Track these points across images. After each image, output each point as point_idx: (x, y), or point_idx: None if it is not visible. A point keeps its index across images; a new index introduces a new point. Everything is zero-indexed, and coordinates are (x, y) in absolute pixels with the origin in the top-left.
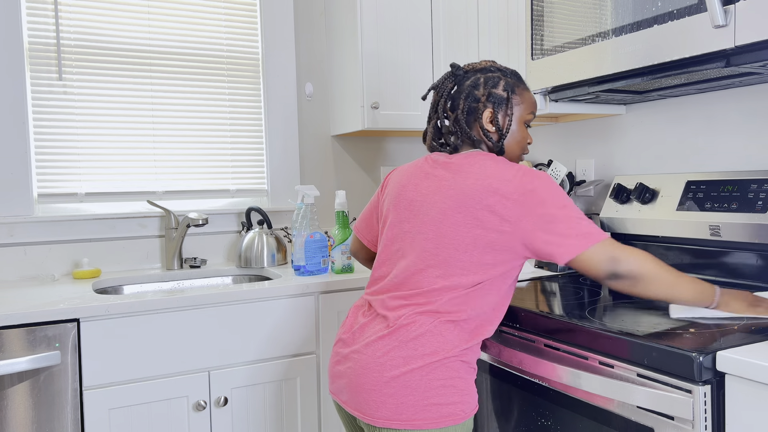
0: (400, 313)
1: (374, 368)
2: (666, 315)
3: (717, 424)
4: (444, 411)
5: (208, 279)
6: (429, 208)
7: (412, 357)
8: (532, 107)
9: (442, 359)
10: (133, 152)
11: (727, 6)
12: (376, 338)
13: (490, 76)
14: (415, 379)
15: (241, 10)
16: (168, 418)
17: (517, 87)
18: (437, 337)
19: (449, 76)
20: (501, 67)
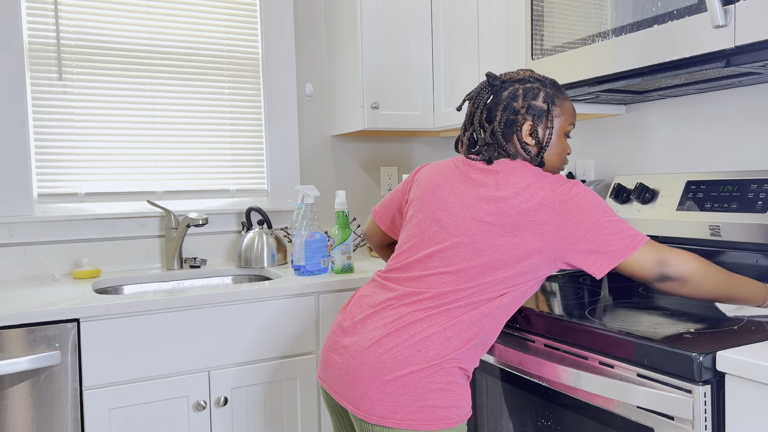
0: (410, 311)
1: (375, 366)
2: (666, 315)
3: (717, 424)
4: (439, 414)
5: (208, 279)
6: (465, 212)
7: (415, 358)
8: (572, 117)
9: (442, 362)
10: (133, 152)
11: (727, 6)
12: (381, 336)
13: (530, 87)
14: (414, 380)
15: (241, 10)
16: (168, 418)
17: (557, 98)
18: (442, 341)
19: (485, 86)
20: (540, 77)
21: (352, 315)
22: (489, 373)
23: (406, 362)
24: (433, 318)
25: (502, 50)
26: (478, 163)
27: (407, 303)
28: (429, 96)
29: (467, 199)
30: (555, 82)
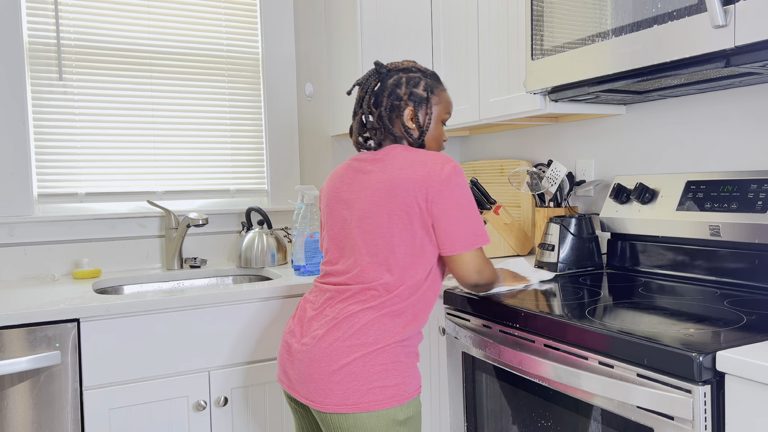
0: (346, 305)
1: (322, 359)
2: (666, 315)
3: (717, 424)
4: (388, 393)
5: (208, 279)
6: (363, 203)
7: (356, 346)
8: (448, 107)
9: (383, 347)
10: (133, 152)
11: (727, 6)
12: (324, 332)
13: (412, 76)
14: (359, 366)
15: (241, 10)
16: (168, 418)
17: (436, 88)
18: (378, 327)
19: (373, 73)
20: (421, 68)
21: (300, 319)
22: (489, 373)
23: (348, 351)
24: (369, 307)
25: (502, 50)
26: (367, 155)
27: (342, 299)
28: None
29: (363, 190)
30: (435, 74)
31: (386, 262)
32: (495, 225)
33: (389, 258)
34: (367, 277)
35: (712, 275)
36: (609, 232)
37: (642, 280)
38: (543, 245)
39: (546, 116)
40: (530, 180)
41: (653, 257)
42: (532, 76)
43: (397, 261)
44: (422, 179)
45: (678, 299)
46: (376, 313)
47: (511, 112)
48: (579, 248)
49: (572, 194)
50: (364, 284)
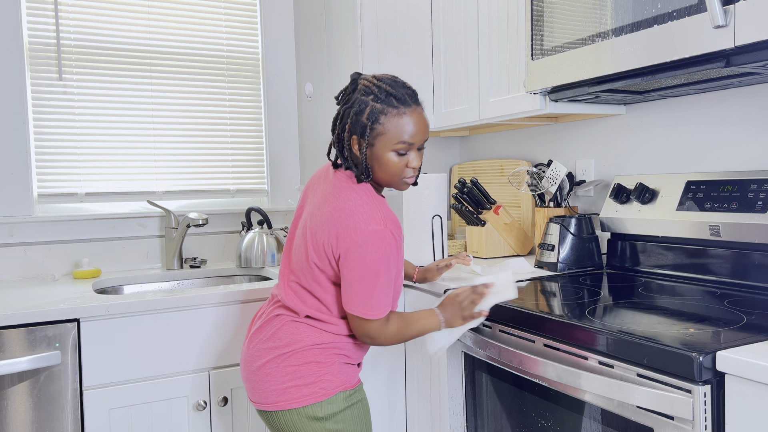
0: (270, 310)
1: (247, 361)
2: (666, 315)
3: (717, 424)
4: (303, 391)
5: (208, 279)
6: (300, 225)
7: (270, 349)
8: (401, 135)
9: (296, 349)
10: (133, 152)
11: (727, 6)
12: (251, 336)
13: (362, 100)
14: (272, 367)
15: (241, 10)
16: (168, 418)
17: (384, 114)
18: (293, 331)
19: (346, 88)
20: (380, 87)
21: (250, 327)
22: (489, 373)
23: (264, 353)
24: (286, 315)
25: (502, 50)
26: (339, 170)
27: (272, 306)
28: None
29: (306, 208)
30: (392, 94)
31: (308, 287)
32: (495, 225)
33: (311, 285)
34: (290, 294)
35: (712, 275)
36: (609, 232)
37: (642, 280)
38: (543, 245)
39: (546, 116)
40: (530, 180)
41: (653, 257)
42: (532, 76)
43: (318, 289)
44: (340, 233)
45: (678, 299)
46: (294, 318)
47: (511, 112)
48: (579, 248)
49: (572, 194)
50: (286, 293)
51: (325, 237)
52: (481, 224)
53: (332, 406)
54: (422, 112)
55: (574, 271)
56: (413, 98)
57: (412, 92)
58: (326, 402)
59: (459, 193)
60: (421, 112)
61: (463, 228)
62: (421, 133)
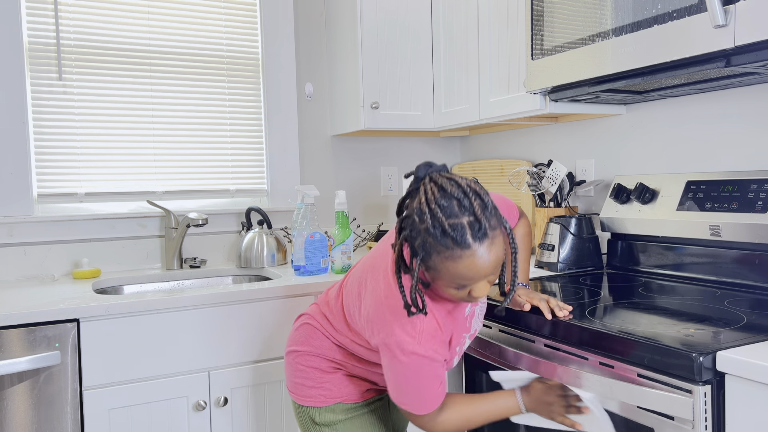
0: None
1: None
2: (666, 315)
3: (717, 424)
4: (306, 392)
5: (208, 279)
6: (358, 275)
7: (291, 342)
8: (455, 280)
9: (308, 351)
10: (133, 152)
11: (727, 6)
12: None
13: (416, 223)
14: (290, 359)
15: (241, 10)
16: (168, 418)
17: (437, 253)
18: (312, 335)
19: (413, 182)
20: (435, 218)
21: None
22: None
23: (289, 343)
24: (314, 320)
25: (502, 50)
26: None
27: (313, 306)
28: (429, 96)
29: (363, 265)
30: (454, 235)
31: (340, 330)
32: None
33: (343, 329)
34: (322, 317)
35: (712, 275)
36: (609, 232)
37: (642, 280)
38: (543, 245)
39: (546, 116)
40: (530, 180)
41: (653, 257)
42: (532, 76)
43: (347, 336)
44: (374, 331)
45: (678, 299)
46: (315, 324)
47: (511, 112)
48: (579, 248)
49: (572, 194)
50: (332, 317)
51: (361, 325)
52: None
53: (330, 415)
54: (489, 246)
55: (574, 271)
56: (478, 233)
57: (479, 224)
58: (324, 409)
59: None
60: (487, 250)
61: None
62: (483, 273)
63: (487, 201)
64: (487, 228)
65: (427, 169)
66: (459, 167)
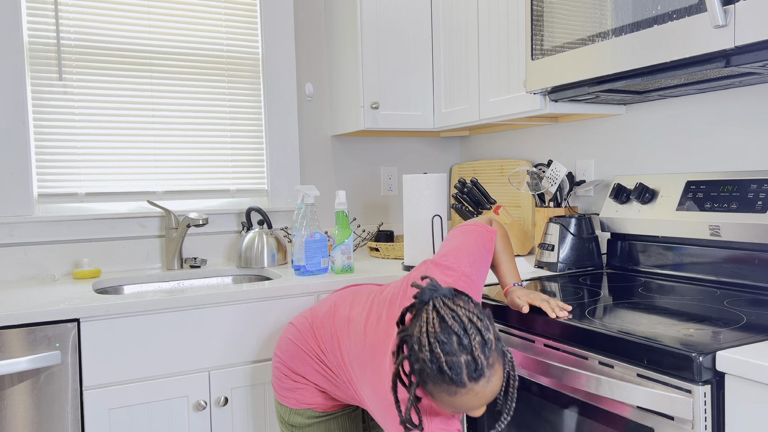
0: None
1: None
2: (666, 315)
3: (717, 424)
4: (282, 392)
5: (208, 279)
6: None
7: (278, 346)
8: (450, 409)
9: (289, 360)
10: (133, 152)
11: (727, 6)
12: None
13: (415, 351)
14: (274, 360)
15: (241, 10)
16: (168, 418)
17: (433, 383)
18: (295, 357)
19: (417, 301)
20: (433, 354)
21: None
22: None
23: (278, 345)
24: (299, 332)
25: (502, 50)
26: (391, 327)
27: (305, 319)
28: (429, 96)
29: (367, 325)
30: (451, 374)
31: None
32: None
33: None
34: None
35: (712, 275)
36: (609, 232)
37: (642, 280)
38: (543, 245)
39: (546, 116)
40: (530, 180)
41: (653, 257)
42: (532, 76)
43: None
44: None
45: (678, 299)
46: (302, 347)
47: (511, 112)
48: (579, 248)
49: (572, 194)
50: (319, 337)
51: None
52: None
53: (298, 418)
54: (487, 383)
55: (574, 271)
56: (474, 373)
57: (476, 364)
58: (293, 411)
59: (459, 193)
60: (484, 386)
61: None
62: (479, 404)
63: (488, 338)
64: (484, 367)
65: (432, 294)
66: (459, 167)
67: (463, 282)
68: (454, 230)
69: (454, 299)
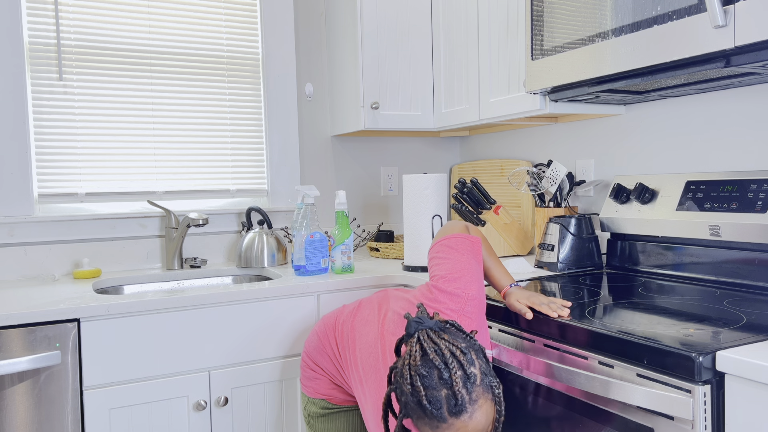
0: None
1: None
2: (666, 315)
3: (717, 424)
4: (304, 381)
5: (208, 279)
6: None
7: (308, 340)
8: None
9: (309, 350)
10: (133, 152)
11: (727, 6)
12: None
13: (400, 383)
14: (303, 352)
15: (241, 10)
16: (168, 418)
17: (416, 416)
18: (317, 353)
19: (405, 334)
20: (414, 388)
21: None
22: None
23: (308, 339)
24: (321, 334)
25: (502, 50)
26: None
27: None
28: (429, 96)
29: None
30: (431, 409)
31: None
32: (495, 225)
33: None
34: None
35: (711, 275)
36: (609, 232)
37: (642, 280)
38: (543, 245)
39: (546, 116)
40: (530, 180)
41: (653, 257)
42: (531, 76)
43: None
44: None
45: (678, 299)
46: (322, 340)
47: (511, 112)
48: (579, 248)
49: (572, 194)
50: (333, 340)
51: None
52: (481, 224)
53: (313, 407)
54: (469, 418)
55: (574, 271)
56: (454, 408)
57: (455, 399)
58: (310, 401)
59: (459, 193)
60: (466, 422)
61: None
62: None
63: (471, 372)
64: (465, 402)
65: (417, 327)
66: (459, 167)
67: (471, 306)
68: (440, 244)
69: (440, 332)
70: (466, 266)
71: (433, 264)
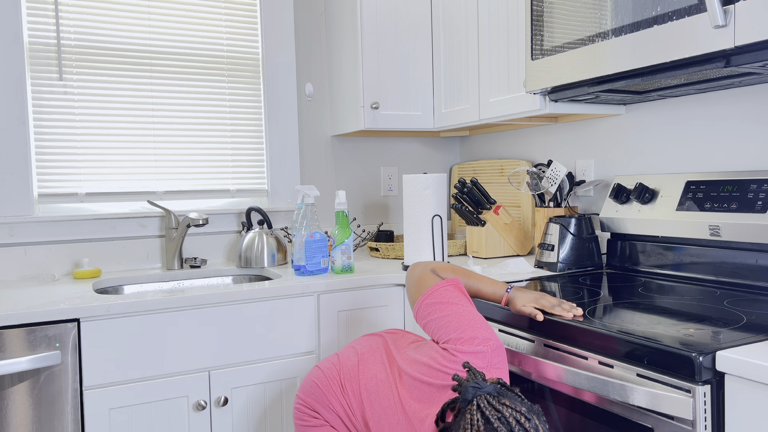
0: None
1: None
2: (666, 315)
3: (717, 424)
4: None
5: (208, 279)
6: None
7: (307, 380)
8: None
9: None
10: (133, 152)
11: (727, 6)
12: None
13: None
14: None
15: (241, 10)
16: (168, 418)
17: None
18: (320, 390)
19: (460, 400)
20: None
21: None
22: None
23: (309, 377)
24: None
25: (502, 50)
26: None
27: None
28: (429, 96)
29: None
30: None
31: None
32: (495, 225)
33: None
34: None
35: (712, 275)
36: (609, 232)
37: (642, 280)
38: (543, 245)
39: (546, 116)
40: (530, 180)
41: (653, 257)
42: (531, 76)
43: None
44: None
45: (678, 299)
46: (325, 392)
47: (511, 112)
48: (579, 248)
49: (572, 194)
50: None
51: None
52: (481, 224)
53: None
54: None
55: (574, 271)
56: None
57: None
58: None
59: (459, 193)
60: None
61: (463, 228)
62: None
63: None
64: None
65: (475, 392)
66: (459, 167)
67: (497, 357)
68: (426, 305)
69: (500, 397)
70: (468, 315)
71: (433, 328)
